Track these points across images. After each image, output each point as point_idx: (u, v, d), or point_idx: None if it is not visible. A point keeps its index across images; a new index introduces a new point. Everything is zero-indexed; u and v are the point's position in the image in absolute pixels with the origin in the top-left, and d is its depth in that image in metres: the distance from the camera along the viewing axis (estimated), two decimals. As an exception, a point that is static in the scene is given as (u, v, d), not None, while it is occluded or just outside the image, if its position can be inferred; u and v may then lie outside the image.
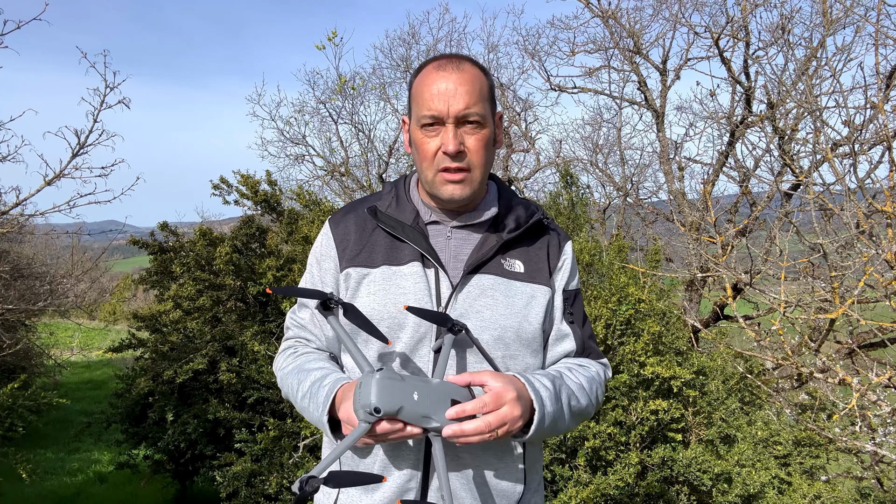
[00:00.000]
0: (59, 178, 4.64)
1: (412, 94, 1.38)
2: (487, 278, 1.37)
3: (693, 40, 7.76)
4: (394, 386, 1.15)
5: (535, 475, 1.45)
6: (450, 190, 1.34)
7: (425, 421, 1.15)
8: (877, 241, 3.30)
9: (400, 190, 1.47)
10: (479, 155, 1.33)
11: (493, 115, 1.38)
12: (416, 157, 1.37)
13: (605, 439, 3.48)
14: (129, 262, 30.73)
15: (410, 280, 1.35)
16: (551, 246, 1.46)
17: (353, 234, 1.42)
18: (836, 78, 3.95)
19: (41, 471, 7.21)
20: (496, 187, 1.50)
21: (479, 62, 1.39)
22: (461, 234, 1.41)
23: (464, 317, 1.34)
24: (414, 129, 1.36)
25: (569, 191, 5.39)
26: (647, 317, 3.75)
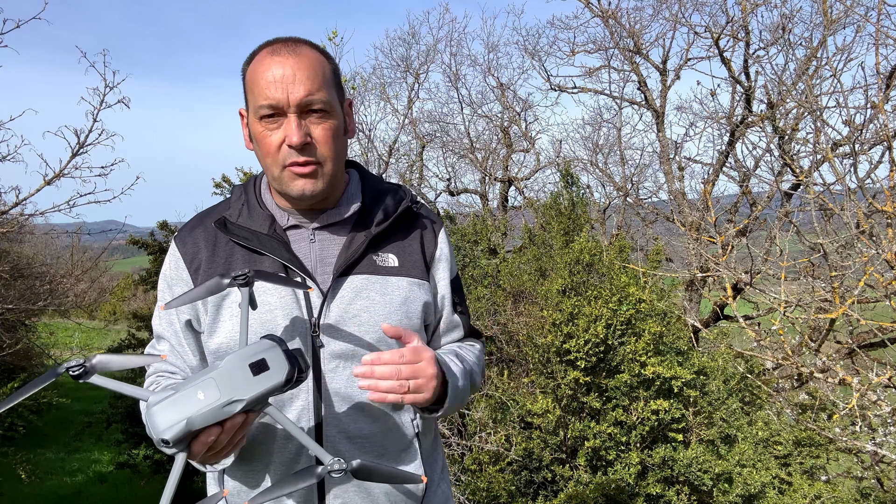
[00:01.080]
0: (58, 178, 4.63)
1: (246, 83, 1.23)
2: (360, 279, 1.26)
3: (693, 40, 7.77)
4: (169, 405, 0.98)
5: (436, 465, 1.39)
6: (300, 185, 1.20)
7: (232, 407, 0.98)
8: (877, 241, 3.30)
9: (250, 195, 1.32)
10: (328, 146, 1.21)
11: (340, 101, 1.26)
12: (259, 153, 1.23)
13: (606, 439, 3.48)
14: (129, 262, 30.75)
15: (275, 295, 1.22)
16: (426, 234, 1.36)
17: (203, 251, 1.27)
18: (837, 78, 3.96)
19: (41, 471, 7.21)
20: (358, 177, 1.38)
21: (318, 45, 1.27)
22: (325, 235, 1.29)
23: (341, 323, 1.23)
24: (253, 122, 1.21)
25: (569, 191, 5.39)
26: (647, 317, 3.75)
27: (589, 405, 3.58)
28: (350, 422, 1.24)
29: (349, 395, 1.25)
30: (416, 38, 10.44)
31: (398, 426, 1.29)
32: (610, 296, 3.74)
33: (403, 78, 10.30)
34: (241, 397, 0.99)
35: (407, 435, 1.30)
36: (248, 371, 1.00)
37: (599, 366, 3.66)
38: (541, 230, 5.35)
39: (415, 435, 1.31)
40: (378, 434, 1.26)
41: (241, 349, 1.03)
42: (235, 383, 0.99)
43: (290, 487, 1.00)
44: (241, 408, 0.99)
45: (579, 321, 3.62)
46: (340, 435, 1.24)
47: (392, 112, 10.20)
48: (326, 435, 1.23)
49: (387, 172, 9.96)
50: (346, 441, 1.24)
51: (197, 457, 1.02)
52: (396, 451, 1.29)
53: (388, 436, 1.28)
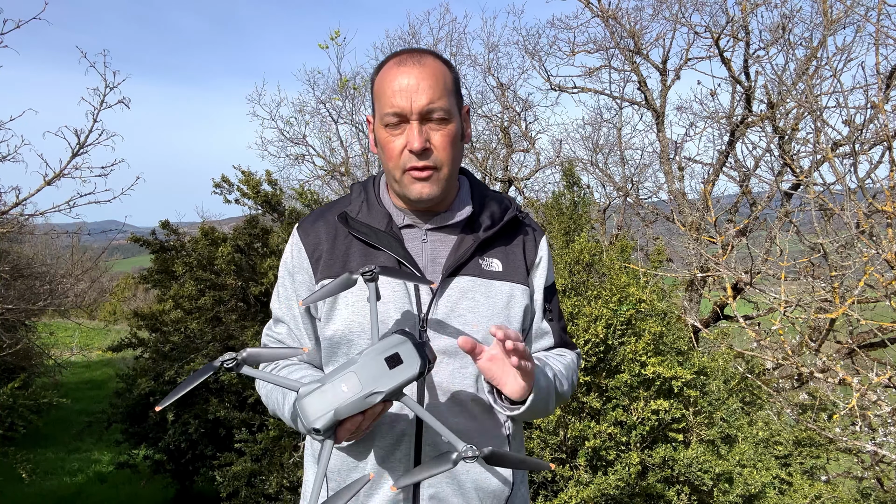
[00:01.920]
0: (58, 178, 4.64)
1: (374, 92, 1.32)
2: (466, 280, 1.34)
3: (693, 40, 7.77)
4: (318, 396, 1.10)
5: (519, 473, 1.44)
6: (418, 189, 1.29)
7: (372, 399, 1.08)
8: (877, 240, 3.30)
9: (370, 193, 1.41)
10: (445, 151, 1.28)
11: (459, 109, 1.34)
12: (382, 157, 1.32)
13: (606, 439, 3.49)
14: (129, 262, 30.74)
15: (388, 288, 1.31)
16: (527, 242, 1.43)
17: (324, 242, 1.37)
18: (837, 78, 3.96)
19: (41, 471, 7.21)
20: (468, 183, 1.46)
21: (442, 56, 1.35)
22: (436, 237, 1.37)
23: (447, 320, 1.31)
24: (378, 128, 1.30)
25: (571, 190, 5.40)
26: (647, 317, 3.75)
27: (589, 405, 3.59)
28: (450, 415, 1.30)
29: (451, 389, 1.31)
30: (416, 38, 10.43)
31: (494, 426, 1.36)
32: (610, 296, 3.74)
33: (403, 78, 10.30)
34: (381, 389, 1.08)
35: (500, 436, 1.36)
36: (385, 365, 1.10)
37: (599, 366, 3.66)
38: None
39: (506, 439, 1.37)
40: (474, 431, 1.32)
41: (374, 344, 1.13)
42: (374, 376, 1.09)
43: (430, 472, 1.07)
44: (380, 399, 1.08)
45: (579, 321, 3.62)
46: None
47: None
48: (426, 426, 1.29)
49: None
50: None
51: (341, 441, 1.13)
52: None
53: (485, 434, 1.33)
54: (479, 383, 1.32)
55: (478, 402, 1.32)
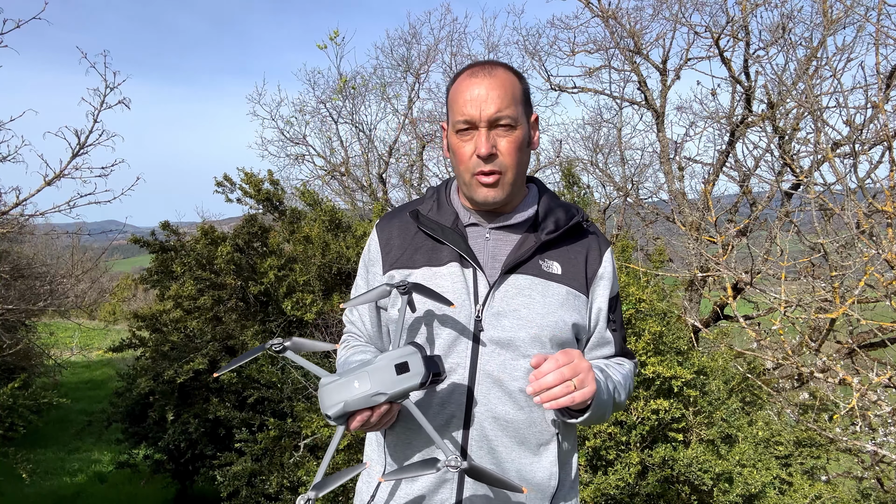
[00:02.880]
0: (59, 179, 4.63)
1: (448, 101, 1.42)
2: (524, 278, 1.40)
3: (693, 40, 7.76)
4: (334, 387, 1.24)
5: (569, 472, 1.48)
6: (483, 193, 1.38)
7: (378, 398, 1.21)
8: (877, 240, 3.30)
9: (441, 194, 1.52)
10: (511, 157, 1.36)
11: (527, 117, 1.41)
12: (454, 161, 1.42)
13: (606, 439, 3.48)
14: (129, 262, 30.74)
15: (449, 280, 1.40)
16: (591, 251, 1.48)
17: (396, 238, 1.48)
18: (837, 78, 3.96)
19: (41, 471, 7.21)
20: (537, 190, 1.53)
21: (514, 68, 1.43)
22: (499, 235, 1.45)
23: (501, 314, 1.37)
24: (451, 134, 1.40)
25: (571, 191, 5.39)
26: (647, 316, 3.75)
27: (589, 405, 3.58)
28: (498, 404, 1.37)
29: (500, 378, 1.37)
30: (416, 38, 10.44)
31: (541, 421, 1.40)
32: (610, 296, 3.73)
33: (404, 78, 10.31)
34: (385, 391, 1.22)
35: (548, 431, 1.41)
36: (394, 371, 1.23)
37: (600, 366, 3.66)
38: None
39: (555, 434, 1.42)
40: (521, 422, 1.38)
41: (392, 350, 1.26)
42: (383, 379, 1.22)
43: (415, 473, 1.24)
44: (384, 400, 1.22)
45: (580, 321, 3.62)
46: (487, 414, 1.37)
47: (392, 112, 10.21)
48: (475, 412, 1.37)
49: (387, 172, 9.97)
50: (492, 420, 1.37)
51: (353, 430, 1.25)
52: (535, 443, 1.40)
53: (531, 426, 1.39)
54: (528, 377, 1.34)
55: (526, 394, 1.37)
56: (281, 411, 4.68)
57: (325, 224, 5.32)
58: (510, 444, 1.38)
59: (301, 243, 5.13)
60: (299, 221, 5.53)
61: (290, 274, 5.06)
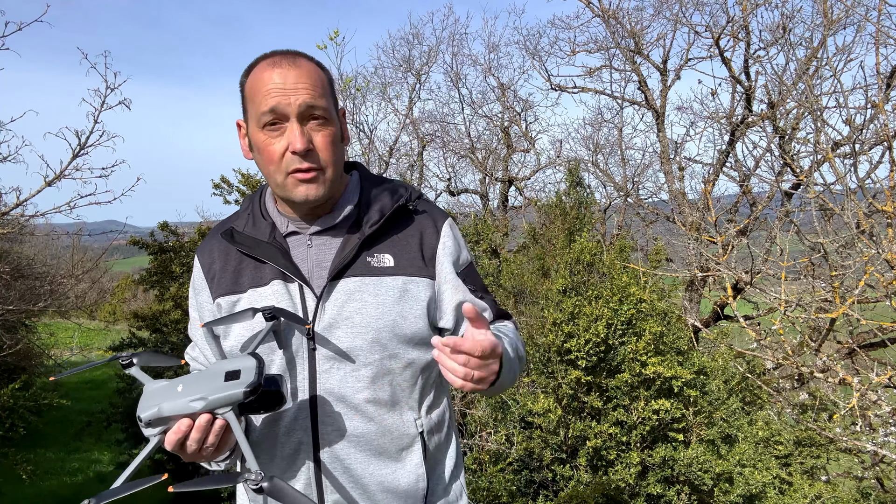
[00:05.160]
0: (59, 179, 4.64)
1: (246, 94, 1.27)
2: (352, 281, 1.28)
3: (694, 40, 7.77)
4: (155, 391, 1.13)
5: (442, 467, 1.40)
6: (303, 191, 1.24)
7: (196, 404, 1.08)
8: (877, 240, 3.30)
9: (255, 205, 1.38)
10: (328, 152, 1.25)
11: (336, 109, 1.30)
12: (261, 161, 1.27)
13: (606, 439, 3.49)
14: (129, 262, 30.74)
15: (274, 299, 1.28)
16: (425, 230, 1.36)
17: (217, 261, 1.35)
18: (837, 78, 3.96)
19: (41, 471, 7.20)
20: (358, 179, 1.40)
21: (314, 58, 1.31)
22: (321, 240, 1.32)
23: (334, 326, 1.27)
24: (254, 131, 1.25)
25: (575, 190, 5.40)
26: (648, 317, 3.75)
27: (590, 405, 3.59)
28: (344, 420, 1.28)
29: (343, 395, 1.28)
30: (418, 38, 10.45)
31: (397, 426, 1.31)
32: (611, 295, 3.74)
33: (405, 78, 10.31)
34: (205, 396, 1.08)
35: (407, 434, 1.32)
36: (223, 377, 1.11)
37: (600, 365, 3.66)
38: (543, 229, 5.35)
39: (418, 435, 1.33)
40: (373, 433, 1.29)
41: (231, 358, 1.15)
42: (208, 385, 1.10)
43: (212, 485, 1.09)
44: (201, 407, 1.08)
45: (580, 321, 3.62)
46: (336, 433, 1.28)
47: (393, 112, 10.21)
48: (322, 433, 1.27)
49: (387, 172, 9.96)
50: (343, 440, 1.28)
51: (171, 446, 1.11)
52: (395, 450, 1.31)
53: (385, 435, 1.30)
54: (374, 385, 1.28)
55: (374, 403, 1.28)
56: (281, 411, 4.67)
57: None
58: (365, 458, 1.29)
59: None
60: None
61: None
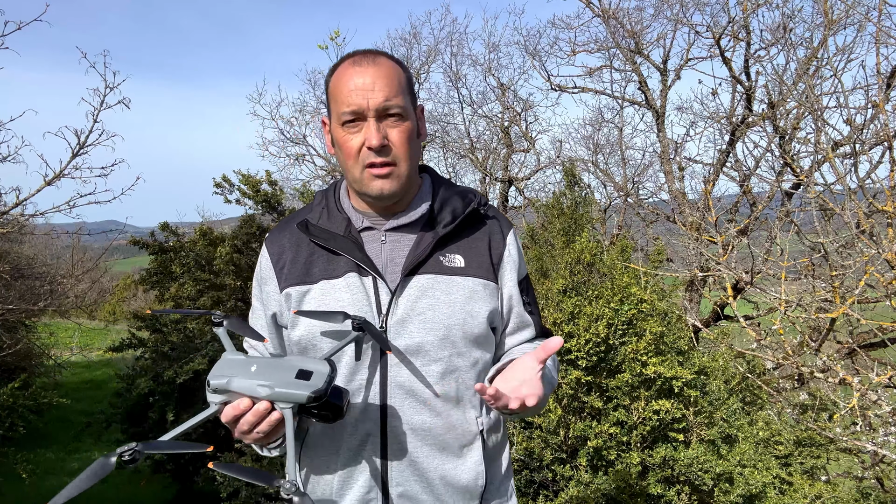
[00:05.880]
0: (59, 179, 4.63)
1: (329, 93, 1.34)
2: (426, 278, 1.33)
3: (694, 40, 7.77)
4: (231, 362, 1.16)
5: (498, 468, 1.45)
6: (378, 185, 1.30)
7: (261, 389, 1.11)
8: (877, 240, 3.30)
9: (330, 199, 1.43)
10: (403, 148, 1.30)
11: (414, 107, 1.36)
12: (341, 156, 1.33)
13: (607, 439, 3.48)
14: (129, 262, 30.73)
15: (348, 292, 1.32)
16: (493, 236, 1.42)
17: (288, 252, 1.40)
18: (838, 77, 3.96)
19: (41, 471, 7.20)
20: (430, 181, 1.46)
21: (394, 56, 1.37)
22: (395, 237, 1.37)
23: (406, 321, 1.31)
24: (335, 128, 1.32)
25: (573, 190, 5.39)
26: (648, 317, 3.75)
27: (590, 405, 3.58)
28: (413, 414, 1.33)
29: (412, 388, 1.33)
30: (417, 38, 10.43)
31: (461, 423, 1.37)
32: (611, 295, 3.74)
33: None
34: (272, 386, 1.11)
35: (470, 432, 1.38)
36: (294, 373, 1.13)
37: (600, 365, 3.66)
38: (542, 229, 5.35)
39: (478, 433, 1.39)
40: (439, 428, 1.34)
41: (312, 356, 1.19)
42: (279, 376, 1.13)
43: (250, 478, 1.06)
44: (266, 394, 1.11)
45: (580, 321, 3.62)
46: (403, 426, 1.33)
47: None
48: (390, 425, 1.32)
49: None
50: (410, 432, 1.33)
51: (226, 419, 1.15)
52: (457, 446, 1.37)
53: (450, 431, 1.36)
54: (443, 381, 1.33)
55: (443, 399, 1.34)
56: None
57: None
58: (430, 452, 1.34)
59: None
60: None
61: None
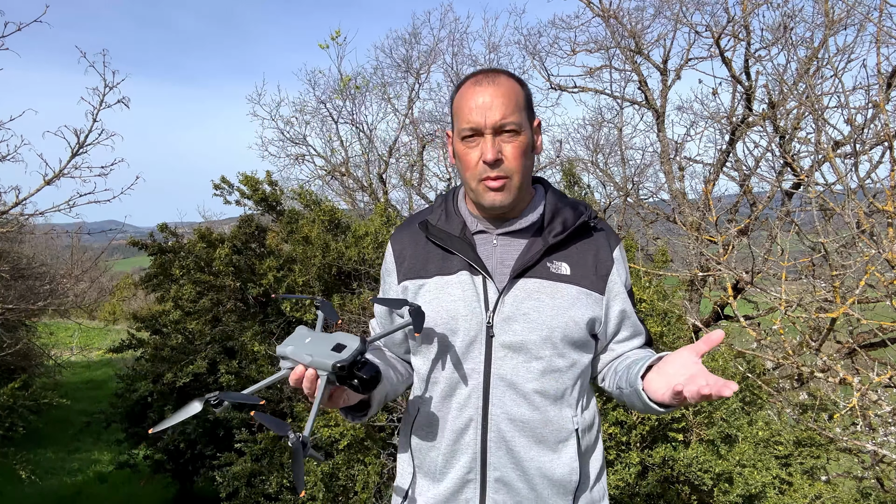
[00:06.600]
0: (58, 178, 4.63)
1: (454, 109, 1.46)
2: (533, 282, 1.43)
3: (694, 40, 7.75)
4: (298, 335, 1.36)
5: (593, 468, 1.52)
6: (491, 197, 1.41)
7: (304, 357, 1.29)
8: (878, 240, 3.29)
9: (449, 203, 1.56)
10: (516, 162, 1.40)
11: (530, 122, 1.45)
12: (460, 167, 1.45)
13: (606, 439, 3.48)
14: (128, 262, 30.70)
15: (459, 288, 1.45)
16: (601, 249, 1.49)
17: (408, 248, 1.54)
18: (838, 77, 3.95)
19: (41, 471, 7.21)
20: (543, 191, 1.55)
21: (516, 75, 1.47)
22: (506, 241, 1.48)
23: (511, 319, 1.41)
24: (456, 141, 1.44)
25: (572, 190, 5.39)
26: (648, 317, 3.74)
27: (589, 405, 3.58)
28: (513, 406, 1.42)
29: (514, 382, 1.42)
30: (417, 38, 10.42)
31: (558, 419, 1.45)
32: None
33: (404, 78, 10.29)
34: (312, 355, 1.29)
35: (566, 428, 1.45)
36: (332, 346, 1.30)
37: (600, 366, 3.65)
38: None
39: (574, 431, 1.47)
40: (537, 421, 1.43)
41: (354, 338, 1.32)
42: (320, 347, 1.31)
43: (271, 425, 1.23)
44: (308, 362, 1.29)
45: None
46: (503, 416, 1.42)
47: (393, 112, 10.20)
48: (491, 414, 1.43)
49: (387, 172, 9.96)
50: (508, 422, 1.42)
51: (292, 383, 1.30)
52: (553, 441, 1.45)
53: (547, 425, 1.44)
54: (542, 378, 1.41)
55: (541, 395, 1.42)
56: (280, 411, 4.67)
57: (325, 224, 5.31)
58: (527, 443, 1.42)
59: (300, 244, 5.12)
60: (297, 222, 5.52)
61: (289, 275, 5.05)
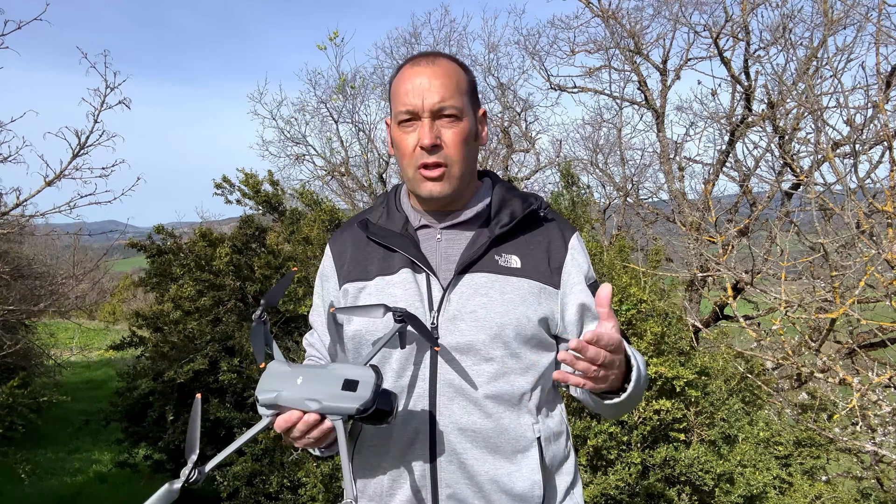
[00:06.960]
0: (59, 179, 4.62)
1: (391, 93, 1.36)
2: (480, 276, 1.31)
3: (693, 40, 7.77)
4: (277, 374, 1.16)
5: (562, 477, 1.38)
6: (428, 188, 1.31)
7: (310, 404, 1.12)
8: (877, 240, 3.30)
9: (391, 200, 1.45)
10: (456, 148, 1.30)
11: (473, 109, 1.35)
12: (397, 155, 1.35)
13: (607, 439, 3.48)
14: (129, 263, 30.71)
15: (401, 287, 1.33)
16: (553, 239, 1.38)
17: (348, 250, 1.43)
18: (837, 77, 3.96)
19: (41, 470, 7.20)
20: (490, 183, 1.44)
21: (459, 59, 1.38)
22: (451, 235, 1.37)
23: (458, 318, 1.29)
24: (393, 127, 1.34)
25: (570, 190, 5.39)
26: (648, 317, 3.75)
27: (590, 405, 3.58)
28: (462, 414, 1.29)
29: (462, 388, 1.29)
30: (417, 38, 10.42)
31: (515, 427, 1.31)
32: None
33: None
34: (319, 400, 1.12)
35: (525, 437, 1.31)
36: (340, 384, 1.13)
37: (600, 366, 3.66)
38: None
39: (535, 440, 1.32)
40: (490, 430, 1.29)
41: (353, 362, 1.17)
42: (325, 388, 1.13)
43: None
44: (315, 408, 1.12)
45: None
46: (452, 426, 1.28)
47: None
48: (439, 424, 1.29)
49: (387, 172, 9.96)
50: (458, 432, 1.29)
51: (279, 429, 1.16)
52: (511, 451, 1.31)
53: (502, 434, 1.30)
54: (494, 382, 1.29)
55: (494, 400, 1.29)
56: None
57: (325, 224, 5.32)
58: (481, 454, 1.29)
59: (300, 244, 5.12)
60: (299, 222, 5.53)
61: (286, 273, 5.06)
